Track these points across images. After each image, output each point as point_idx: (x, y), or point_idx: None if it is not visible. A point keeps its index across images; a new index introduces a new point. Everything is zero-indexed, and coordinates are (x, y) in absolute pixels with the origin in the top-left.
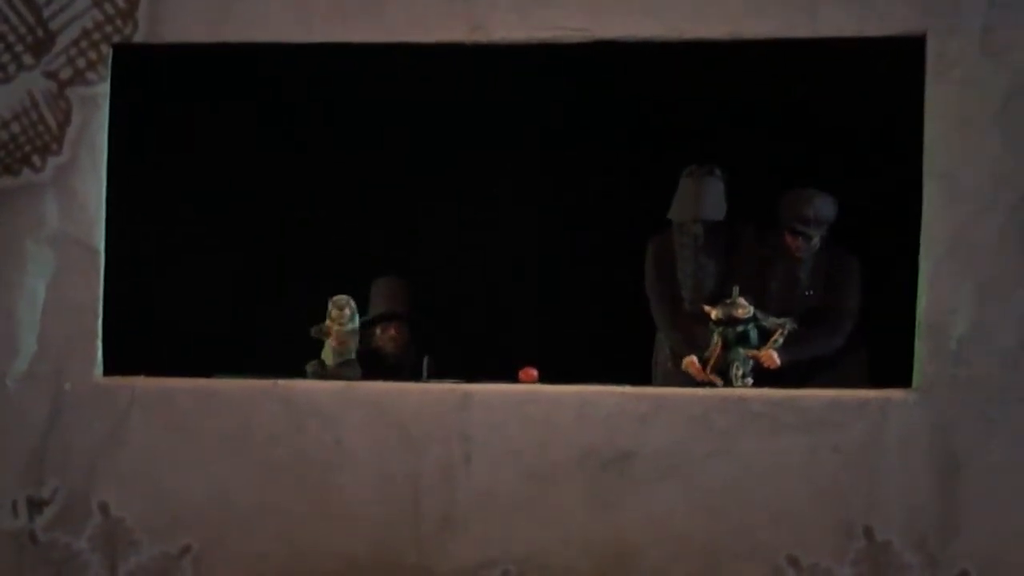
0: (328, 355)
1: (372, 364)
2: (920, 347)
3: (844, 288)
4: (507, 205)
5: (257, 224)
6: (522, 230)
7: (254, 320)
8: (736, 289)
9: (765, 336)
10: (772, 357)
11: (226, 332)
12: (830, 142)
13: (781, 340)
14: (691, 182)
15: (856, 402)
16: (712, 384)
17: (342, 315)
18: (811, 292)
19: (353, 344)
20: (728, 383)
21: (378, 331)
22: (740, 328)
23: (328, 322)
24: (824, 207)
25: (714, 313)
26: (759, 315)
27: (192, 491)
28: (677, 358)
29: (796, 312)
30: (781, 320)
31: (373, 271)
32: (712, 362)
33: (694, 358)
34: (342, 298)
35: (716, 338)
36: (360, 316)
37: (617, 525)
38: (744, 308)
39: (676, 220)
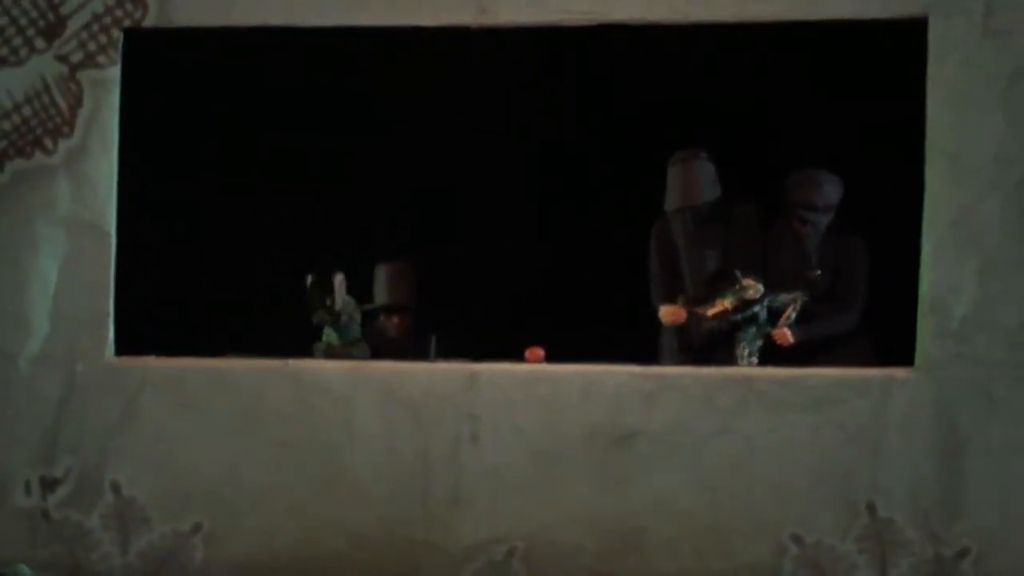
0: (332, 336)
1: (377, 345)
2: (922, 326)
3: (852, 269)
4: (513, 184)
5: (267, 206)
6: (528, 209)
7: (264, 301)
8: (738, 273)
9: (773, 315)
10: (786, 335)
11: (236, 312)
12: (833, 123)
13: (794, 316)
14: (677, 169)
15: (859, 380)
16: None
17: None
18: (818, 272)
19: (356, 314)
20: (733, 361)
21: (381, 318)
22: (751, 311)
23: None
24: (831, 192)
25: (727, 303)
26: (769, 295)
27: (203, 470)
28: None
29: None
30: (792, 295)
31: (380, 251)
32: (711, 311)
33: (672, 307)
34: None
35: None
36: (364, 302)
37: (623, 503)
38: (754, 287)
39: (668, 210)
